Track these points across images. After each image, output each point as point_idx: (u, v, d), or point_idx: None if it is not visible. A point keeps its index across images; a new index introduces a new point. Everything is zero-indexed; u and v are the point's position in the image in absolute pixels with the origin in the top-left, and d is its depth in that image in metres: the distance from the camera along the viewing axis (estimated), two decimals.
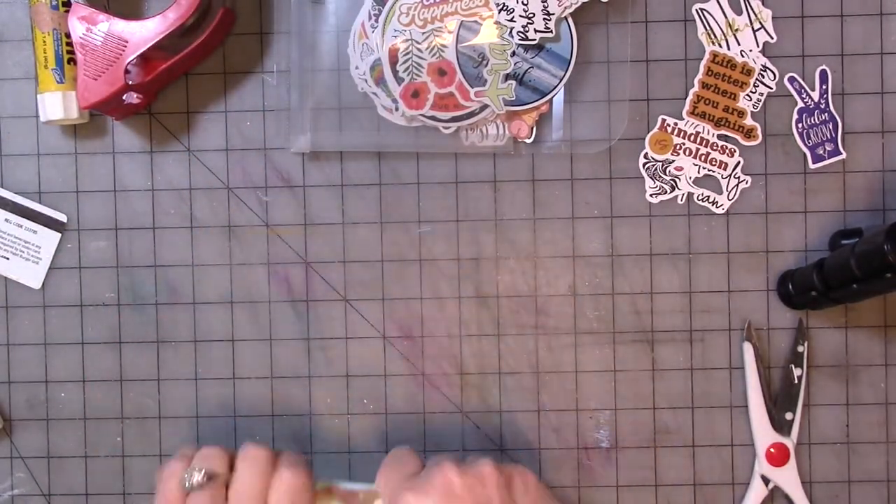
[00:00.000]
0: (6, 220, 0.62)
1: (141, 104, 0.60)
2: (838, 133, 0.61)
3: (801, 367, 0.61)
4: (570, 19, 0.58)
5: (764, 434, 0.61)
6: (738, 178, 0.61)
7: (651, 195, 0.62)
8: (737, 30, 0.61)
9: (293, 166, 0.62)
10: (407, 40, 0.58)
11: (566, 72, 0.59)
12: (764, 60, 0.61)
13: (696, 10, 0.61)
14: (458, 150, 0.61)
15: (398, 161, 0.62)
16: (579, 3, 0.57)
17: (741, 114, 0.61)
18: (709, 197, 0.61)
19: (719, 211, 0.61)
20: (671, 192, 0.61)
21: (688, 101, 0.61)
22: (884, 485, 0.62)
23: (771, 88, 0.61)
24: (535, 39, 0.58)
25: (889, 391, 0.62)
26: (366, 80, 0.59)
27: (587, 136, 0.61)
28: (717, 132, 0.61)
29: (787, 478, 0.61)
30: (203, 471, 0.49)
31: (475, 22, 0.58)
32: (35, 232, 0.62)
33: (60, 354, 0.63)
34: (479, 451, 0.62)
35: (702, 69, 0.61)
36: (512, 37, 0.58)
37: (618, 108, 0.61)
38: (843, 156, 0.61)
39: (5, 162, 0.63)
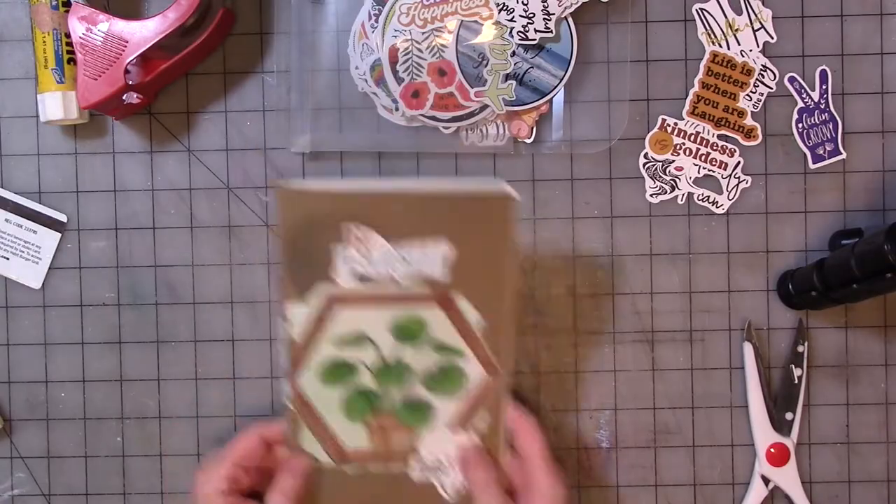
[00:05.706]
0: (6, 220, 0.62)
1: (141, 104, 0.60)
2: (838, 133, 0.61)
3: (801, 367, 0.61)
4: (570, 19, 0.58)
5: (764, 434, 0.61)
6: (738, 178, 0.61)
7: (651, 195, 0.62)
8: (737, 30, 0.61)
9: (293, 166, 0.62)
10: (407, 40, 0.58)
11: (566, 72, 0.59)
12: (764, 60, 0.61)
13: (696, 10, 0.61)
14: (458, 150, 0.61)
15: (398, 161, 0.62)
16: (579, 3, 0.57)
17: (741, 114, 0.61)
18: (709, 197, 0.61)
19: (719, 211, 0.61)
20: (671, 192, 0.61)
21: (688, 101, 0.61)
22: (884, 485, 0.62)
23: (771, 88, 0.61)
24: (535, 39, 0.58)
25: (889, 391, 0.62)
26: (366, 80, 0.59)
27: (587, 136, 0.61)
28: (717, 132, 0.61)
29: (787, 478, 0.61)
30: None
31: (475, 22, 0.58)
32: (35, 232, 0.62)
33: (60, 354, 0.63)
34: None
35: (702, 69, 0.61)
36: (512, 37, 0.58)
37: (618, 108, 0.60)
38: (843, 156, 0.61)
39: (5, 162, 0.63)
